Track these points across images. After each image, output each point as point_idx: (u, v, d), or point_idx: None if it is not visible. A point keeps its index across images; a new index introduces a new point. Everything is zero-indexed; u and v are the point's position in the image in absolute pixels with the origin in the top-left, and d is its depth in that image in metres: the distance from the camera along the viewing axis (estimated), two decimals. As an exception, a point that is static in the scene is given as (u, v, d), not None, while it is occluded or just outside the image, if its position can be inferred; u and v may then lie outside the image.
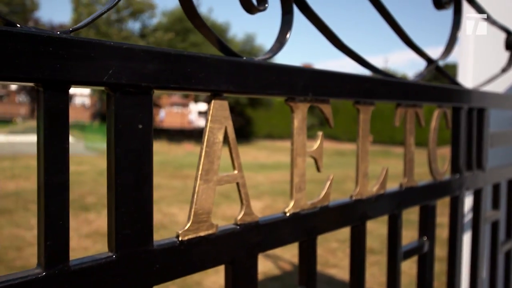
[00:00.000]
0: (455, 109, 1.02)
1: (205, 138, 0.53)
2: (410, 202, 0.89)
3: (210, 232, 0.53)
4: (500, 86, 1.64)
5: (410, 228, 1.97)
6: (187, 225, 0.51)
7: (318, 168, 0.69)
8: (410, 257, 0.93)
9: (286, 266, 4.70)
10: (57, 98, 0.40)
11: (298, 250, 0.69)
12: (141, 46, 0.45)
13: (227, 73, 0.53)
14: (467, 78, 1.85)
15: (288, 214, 0.64)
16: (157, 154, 15.41)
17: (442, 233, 1.26)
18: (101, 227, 6.05)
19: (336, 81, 0.69)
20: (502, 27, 1.16)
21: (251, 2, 0.58)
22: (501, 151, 1.47)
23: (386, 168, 0.83)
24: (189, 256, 0.51)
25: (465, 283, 1.22)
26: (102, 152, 15.57)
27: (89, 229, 6.03)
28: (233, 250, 0.56)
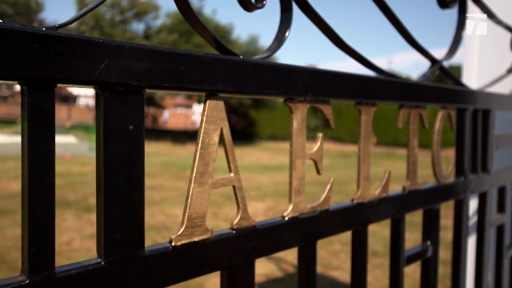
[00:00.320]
0: (460, 110, 0.99)
1: (199, 140, 0.51)
2: (413, 206, 0.87)
3: (204, 237, 0.51)
4: (505, 87, 1.61)
5: (414, 230, 1.94)
6: (181, 229, 0.50)
7: (318, 170, 0.67)
8: (413, 262, 0.90)
9: (288, 268, 4.67)
10: (42, 97, 0.38)
11: (297, 255, 0.67)
12: (131, 44, 0.43)
13: (223, 72, 0.52)
14: (472, 79, 1.82)
15: (287, 218, 0.62)
16: (160, 155, 15.42)
17: (446, 235, 1.23)
18: (103, 228, 6.03)
19: (336, 81, 0.67)
20: (508, 27, 1.14)
21: (249, -1, 0.56)
22: (506, 154, 1.44)
23: (388, 170, 0.81)
24: (182, 262, 0.49)
25: (469, 288, 1.20)
26: (106, 153, 15.49)
27: (92, 230, 6.03)
28: (229, 255, 0.54)
